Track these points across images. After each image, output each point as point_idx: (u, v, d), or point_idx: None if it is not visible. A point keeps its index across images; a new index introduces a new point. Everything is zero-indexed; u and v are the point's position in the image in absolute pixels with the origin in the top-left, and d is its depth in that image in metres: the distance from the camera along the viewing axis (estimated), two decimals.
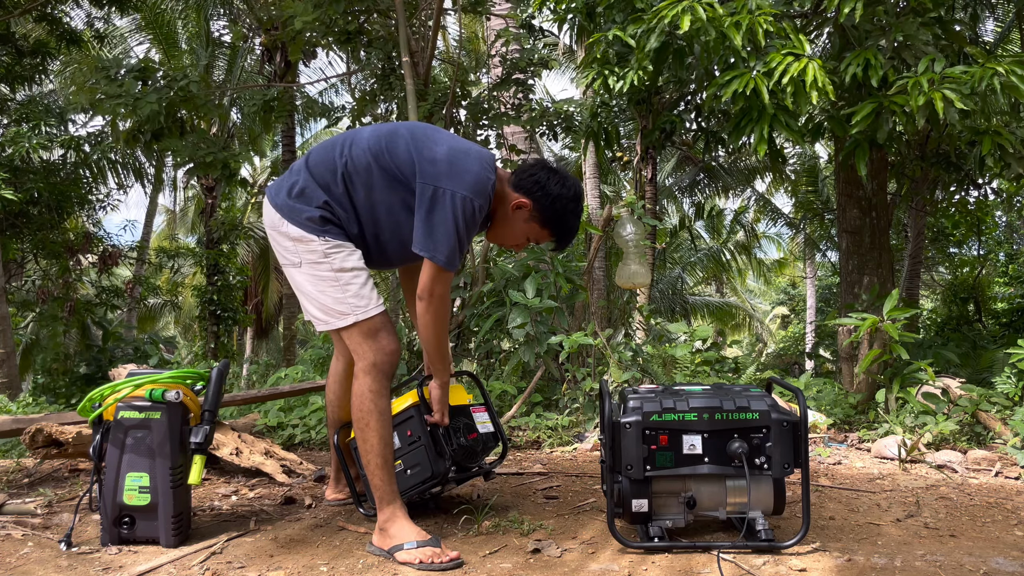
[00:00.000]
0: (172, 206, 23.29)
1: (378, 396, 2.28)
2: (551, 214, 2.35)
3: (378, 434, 2.27)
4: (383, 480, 2.28)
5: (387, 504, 2.27)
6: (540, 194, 2.33)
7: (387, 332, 2.31)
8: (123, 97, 6.32)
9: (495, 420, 2.78)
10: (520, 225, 2.38)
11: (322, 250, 2.28)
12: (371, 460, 2.28)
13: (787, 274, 25.97)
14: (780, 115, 4.78)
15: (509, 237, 2.42)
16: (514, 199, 2.34)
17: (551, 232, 2.40)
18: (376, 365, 2.28)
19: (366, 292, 2.31)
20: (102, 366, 9.29)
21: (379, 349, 2.29)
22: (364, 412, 2.27)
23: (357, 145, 2.33)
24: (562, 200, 2.34)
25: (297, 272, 2.35)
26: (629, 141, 10.64)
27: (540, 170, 2.36)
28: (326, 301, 2.31)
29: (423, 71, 6.51)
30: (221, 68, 14.23)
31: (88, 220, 12.53)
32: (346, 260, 2.30)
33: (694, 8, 4.60)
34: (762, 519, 2.28)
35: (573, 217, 2.38)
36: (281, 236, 2.33)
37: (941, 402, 4.14)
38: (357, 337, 2.30)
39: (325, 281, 2.30)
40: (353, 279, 2.30)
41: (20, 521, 2.61)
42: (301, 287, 2.36)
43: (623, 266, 5.91)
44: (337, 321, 2.30)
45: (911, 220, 11.07)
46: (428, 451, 2.49)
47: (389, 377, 2.32)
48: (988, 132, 4.81)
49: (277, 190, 2.36)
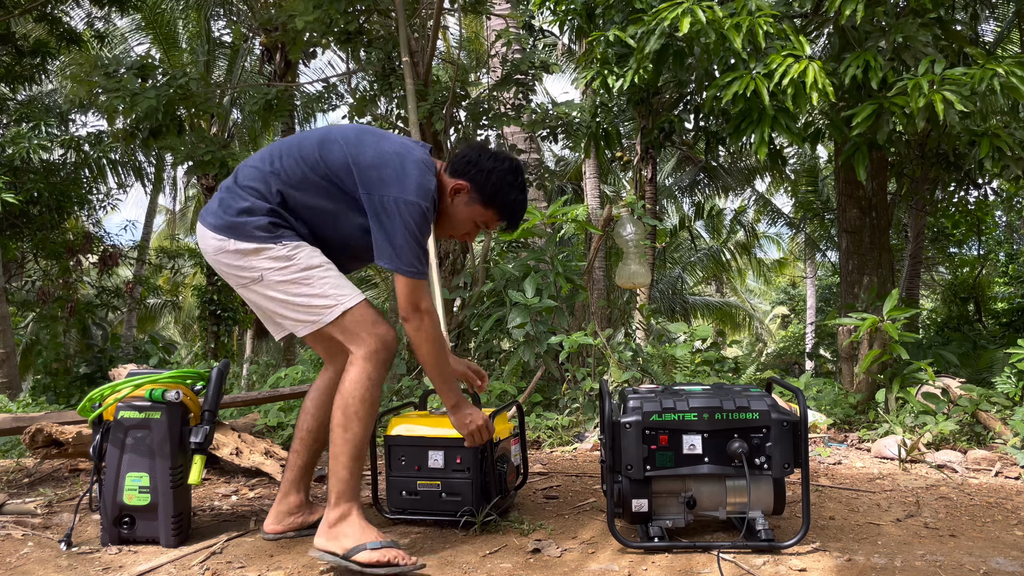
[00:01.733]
0: (172, 206, 23.31)
1: (375, 386, 2.16)
2: (489, 190, 2.27)
3: (364, 425, 2.15)
4: (351, 474, 2.13)
5: (346, 501, 2.12)
6: (474, 172, 2.26)
7: (382, 319, 2.22)
8: (121, 92, 6.32)
9: (524, 454, 2.81)
10: (463, 210, 2.31)
11: (283, 253, 2.17)
12: (347, 451, 2.13)
13: (787, 274, 25.98)
14: (780, 117, 4.78)
15: (456, 226, 2.34)
16: (451, 184, 2.28)
17: (496, 211, 2.32)
18: (377, 352, 2.17)
19: (343, 282, 2.21)
20: (102, 366, 9.29)
21: (379, 336, 2.18)
22: (357, 400, 2.13)
23: (288, 156, 2.23)
24: (497, 173, 2.27)
25: (260, 287, 2.21)
26: (629, 141, 10.64)
27: (471, 150, 2.31)
28: (304, 301, 2.18)
29: (423, 71, 6.51)
30: (221, 68, 14.23)
31: (88, 220, 12.53)
32: (312, 257, 2.20)
33: (694, 11, 4.60)
34: (762, 519, 2.28)
35: (514, 190, 2.31)
36: (231, 256, 2.19)
37: (941, 402, 4.14)
38: (351, 326, 2.18)
39: (295, 283, 2.17)
40: (326, 272, 2.20)
41: (20, 521, 2.61)
42: (270, 299, 2.22)
43: (623, 266, 5.91)
44: (324, 315, 2.18)
45: (911, 220, 11.07)
46: (474, 488, 2.43)
47: (387, 367, 2.21)
48: (987, 134, 4.81)
49: (210, 213, 2.23)
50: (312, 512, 2.42)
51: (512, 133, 8.96)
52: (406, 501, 2.50)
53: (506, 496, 2.59)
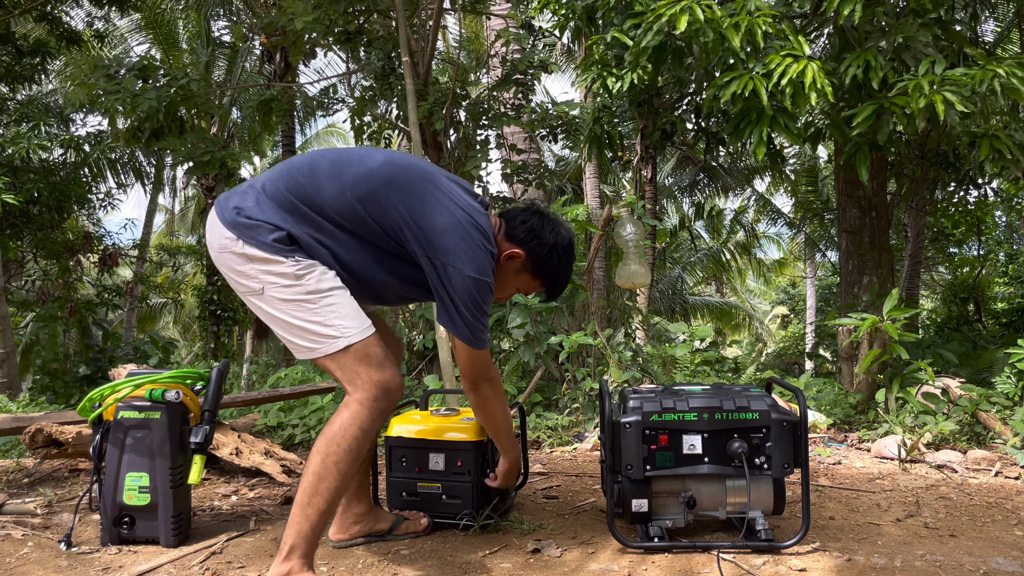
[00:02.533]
0: (172, 206, 23.32)
1: (366, 437, 1.93)
2: (545, 264, 2.18)
3: (343, 479, 1.90)
4: (312, 529, 1.88)
5: (297, 558, 1.87)
6: (535, 243, 2.15)
7: (391, 363, 1.99)
8: (122, 93, 6.32)
9: (525, 455, 2.81)
10: (511, 277, 2.20)
11: (292, 271, 1.95)
12: (317, 501, 1.88)
13: (787, 274, 25.98)
14: (779, 117, 4.78)
15: (499, 289, 2.20)
16: (506, 249, 2.15)
17: (543, 282, 2.24)
18: (375, 400, 1.93)
19: (354, 312, 1.98)
20: (101, 366, 9.29)
21: (380, 382, 1.94)
22: (341, 449, 1.90)
23: (332, 182, 2.01)
24: (557, 249, 2.18)
25: (259, 300, 2.00)
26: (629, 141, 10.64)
27: (532, 216, 2.18)
28: (305, 325, 1.97)
29: (423, 71, 6.51)
30: (221, 68, 14.23)
31: (88, 220, 12.52)
32: (321, 280, 1.97)
33: (692, 8, 4.59)
34: (762, 519, 2.28)
35: (566, 266, 2.22)
36: (236, 258, 1.99)
37: (941, 402, 4.14)
38: (352, 363, 1.95)
39: (298, 305, 1.96)
40: (336, 299, 1.97)
41: (20, 521, 2.61)
42: (270, 316, 2.01)
43: (623, 266, 5.91)
44: (323, 345, 1.95)
45: (911, 220, 11.07)
46: (474, 490, 2.44)
47: (384, 417, 1.97)
48: (986, 135, 4.81)
49: (228, 206, 2.02)
50: (379, 520, 2.40)
51: (512, 133, 8.96)
52: (406, 502, 2.50)
53: (506, 498, 2.59)
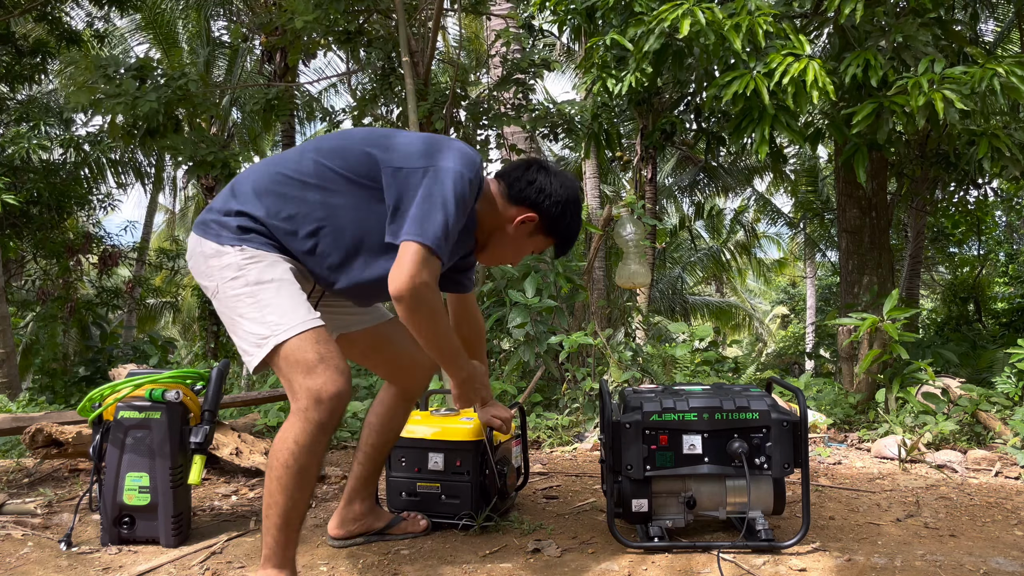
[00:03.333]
0: (172, 206, 23.31)
1: (303, 452, 1.75)
2: (559, 222, 2.04)
3: (288, 495, 1.77)
4: (277, 542, 1.80)
5: (272, 566, 1.81)
6: (547, 203, 2.00)
7: (325, 367, 1.74)
8: (122, 96, 6.31)
9: (525, 455, 2.81)
10: (524, 241, 2.06)
11: (237, 262, 1.81)
12: (271, 515, 1.79)
13: (787, 274, 25.98)
14: (781, 116, 4.78)
15: (510, 254, 2.09)
16: (516, 213, 2.01)
17: (555, 240, 2.10)
18: (306, 411, 1.74)
19: (291, 306, 1.78)
20: (101, 366, 9.28)
21: (310, 389, 1.73)
22: (279, 464, 1.76)
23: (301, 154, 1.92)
24: (570, 205, 2.03)
25: (217, 301, 1.87)
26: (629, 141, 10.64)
27: (537, 173, 2.02)
28: (245, 326, 1.80)
29: (423, 71, 6.51)
30: (221, 68, 14.23)
31: (88, 220, 12.52)
32: (265, 271, 1.80)
33: (694, 12, 4.60)
34: (762, 519, 2.28)
35: (577, 220, 2.08)
36: (197, 263, 1.89)
37: (941, 402, 4.14)
38: (286, 369, 1.75)
39: (241, 300, 1.80)
40: (275, 291, 1.79)
41: (20, 521, 2.61)
42: (225, 318, 1.86)
43: (623, 266, 5.91)
44: (257, 349, 1.77)
45: (911, 220, 11.07)
46: (473, 490, 2.43)
47: (327, 431, 1.76)
48: (985, 134, 4.81)
49: (200, 219, 1.93)
50: (378, 519, 2.38)
51: (512, 133, 8.96)
52: (406, 502, 2.50)
53: (506, 498, 2.59)
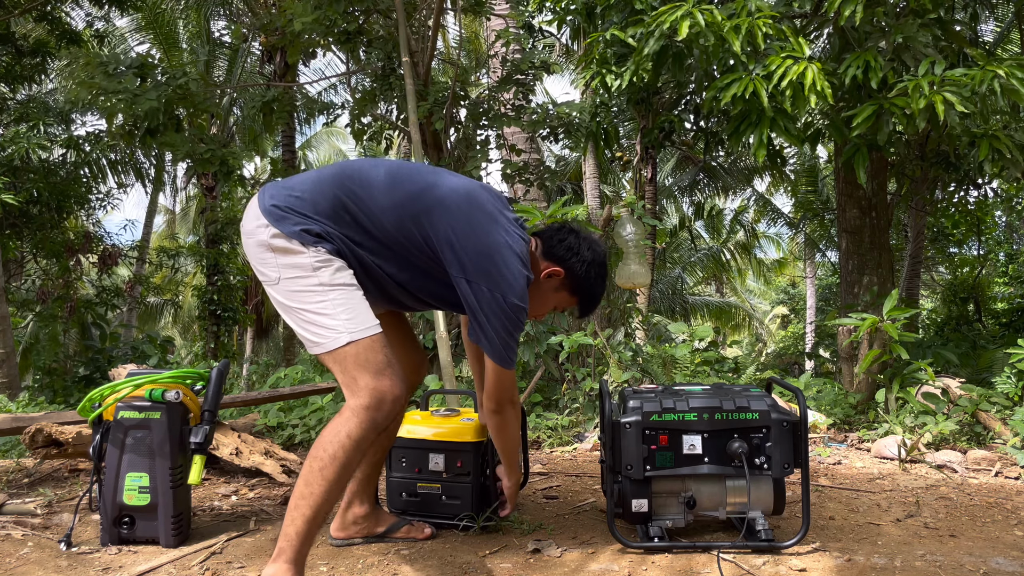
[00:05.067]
0: (172, 206, 23.32)
1: (355, 447, 1.86)
2: (583, 281, 2.19)
3: (329, 487, 1.85)
4: (300, 535, 1.84)
5: (284, 561, 1.83)
6: (574, 261, 2.17)
7: (393, 372, 1.92)
8: (122, 93, 6.30)
9: (526, 455, 2.80)
10: (550, 295, 2.22)
11: (310, 262, 1.94)
12: (303, 506, 1.84)
13: (787, 274, 25.99)
14: (779, 118, 4.78)
15: (536, 307, 2.21)
16: (545, 267, 2.17)
17: (579, 299, 2.24)
18: (367, 409, 1.87)
19: (362, 310, 1.95)
20: (101, 366, 9.28)
21: (376, 390, 1.88)
22: (328, 455, 1.85)
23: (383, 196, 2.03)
24: (595, 266, 2.19)
25: (275, 290, 2.00)
26: (629, 141, 10.65)
27: (569, 234, 2.20)
28: (313, 317, 1.94)
29: (423, 71, 6.51)
30: (221, 68, 14.23)
31: (88, 220, 12.52)
32: (336, 275, 1.95)
33: (693, 14, 4.60)
34: (762, 519, 2.28)
35: (601, 283, 2.24)
36: (260, 247, 2.00)
37: (941, 402, 4.14)
38: (352, 366, 1.89)
39: (311, 294, 1.94)
40: (346, 294, 1.95)
41: (20, 521, 2.61)
42: (283, 306, 2.00)
43: (623, 266, 5.90)
44: (325, 340, 1.91)
45: (911, 220, 11.07)
46: (474, 492, 2.44)
47: (379, 429, 1.90)
48: (986, 136, 4.81)
49: (271, 196, 2.03)
50: (379, 522, 2.39)
51: (512, 133, 8.96)
52: (406, 503, 2.50)
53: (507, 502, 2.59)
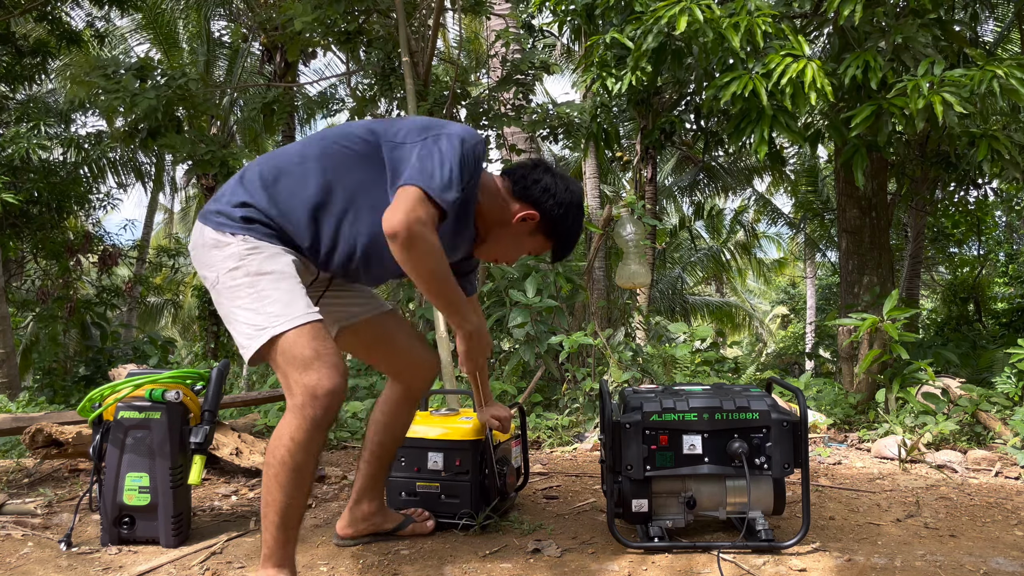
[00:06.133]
0: (172, 206, 23.32)
1: (299, 449, 1.75)
2: (560, 224, 2.04)
3: (285, 492, 1.78)
4: (276, 540, 1.82)
5: (272, 565, 1.82)
6: (551, 203, 2.00)
7: (322, 363, 1.73)
8: (121, 93, 6.31)
9: (525, 455, 2.81)
10: (524, 239, 2.07)
11: (238, 251, 1.80)
12: (270, 513, 1.80)
13: (787, 274, 25.98)
14: (779, 116, 4.78)
15: (508, 252, 2.09)
16: (518, 210, 2.01)
17: (554, 242, 2.10)
18: (302, 408, 1.73)
19: (289, 299, 1.78)
20: (101, 366, 9.28)
21: (305, 386, 1.73)
22: (276, 460, 1.76)
23: (306, 140, 1.95)
24: (572, 208, 2.04)
25: (216, 293, 1.86)
26: (629, 141, 10.64)
27: (544, 173, 2.03)
28: (242, 316, 1.79)
29: (423, 71, 6.51)
30: (221, 68, 14.23)
31: (88, 220, 12.52)
32: (266, 262, 1.80)
33: (691, 9, 4.59)
34: (762, 519, 2.28)
35: (578, 225, 2.08)
36: (198, 254, 1.89)
37: (941, 402, 4.15)
38: (282, 363, 1.75)
39: (240, 289, 1.79)
40: (274, 283, 1.78)
41: (20, 521, 2.61)
42: (223, 311, 1.85)
43: (623, 266, 5.91)
44: (251, 341, 1.76)
45: (911, 220, 11.07)
46: (473, 490, 2.43)
47: (323, 427, 1.76)
48: (985, 136, 4.81)
49: (204, 207, 1.93)
50: (387, 519, 2.38)
51: (512, 133, 8.96)
52: (405, 502, 2.50)
53: (506, 498, 2.59)
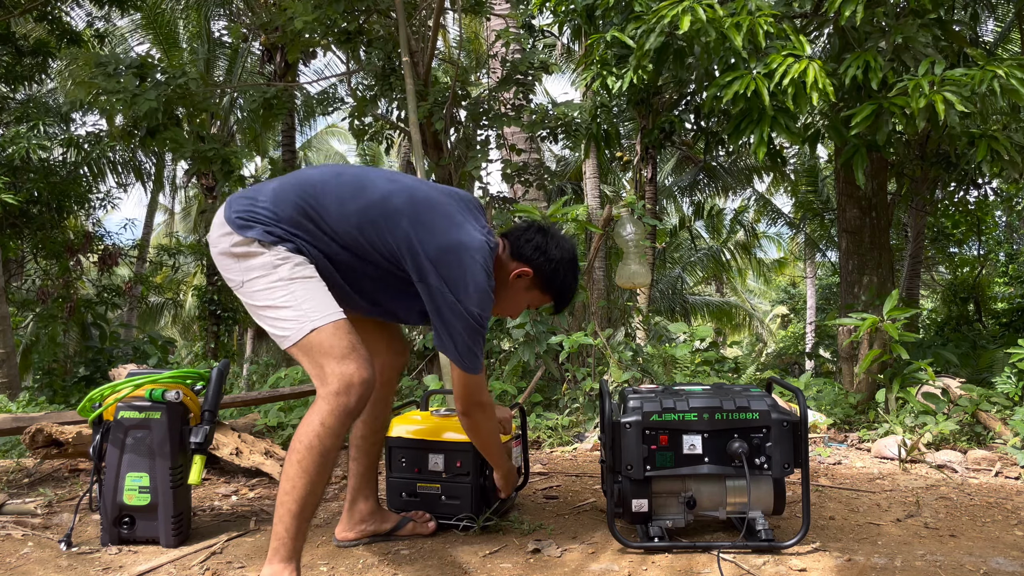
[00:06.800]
0: (172, 206, 23.32)
1: (330, 435, 1.86)
2: (552, 279, 2.24)
3: (309, 479, 1.86)
4: (289, 531, 1.86)
5: (280, 561, 1.85)
6: (542, 260, 2.21)
7: (358, 355, 1.90)
8: (121, 93, 6.30)
9: (526, 455, 2.81)
10: (521, 294, 2.26)
11: (271, 260, 1.96)
12: (286, 502, 1.86)
13: (787, 274, 25.98)
14: (780, 117, 4.78)
15: (509, 307, 2.28)
16: (514, 268, 2.21)
17: (552, 297, 2.29)
18: (337, 395, 1.86)
19: (323, 298, 1.96)
20: (101, 366, 9.28)
21: (343, 375, 1.86)
22: (303, 447, 1.86)
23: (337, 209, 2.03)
24: (563, 264, 2.23)
25: (242, 293, 2.02)
26: (629, 141, 10.65)
27: (536, 234, 2.24)
28: (277, 313, 1.95)
29: (423, 71, 6.51)
30: (221, 68, 14.23)
31: (88, 219, 12.52)
32: (295, 270, 1.97)
33: (694, 9, 4.59)
34: (762, 519, 2.28)
35: (572, 279, 2.28)
36: (223, 256, 2.02)
37: (941, 402, 4.14)
38: (317, 354, 1.89)
39: (273, 290, 1.95)
40: (307, 286, 1.96)
41: (20, 521, 2.61)
42: (251, 307, 2.01)
43: (623, 266, 5.90)
44: (294, 331, 1.91)
45: (911, 220, 11.07)
46: (473, 492, 2.44)
47: (353, 415, 1.89)
48: (984, 136, 4.81)
49: (234, 207, 2.04)
50: (386, 520, 2.40)
51: (512, 133, 8.96)
52: (406, 503, 2.50)
53: (506, 499, 2.59)
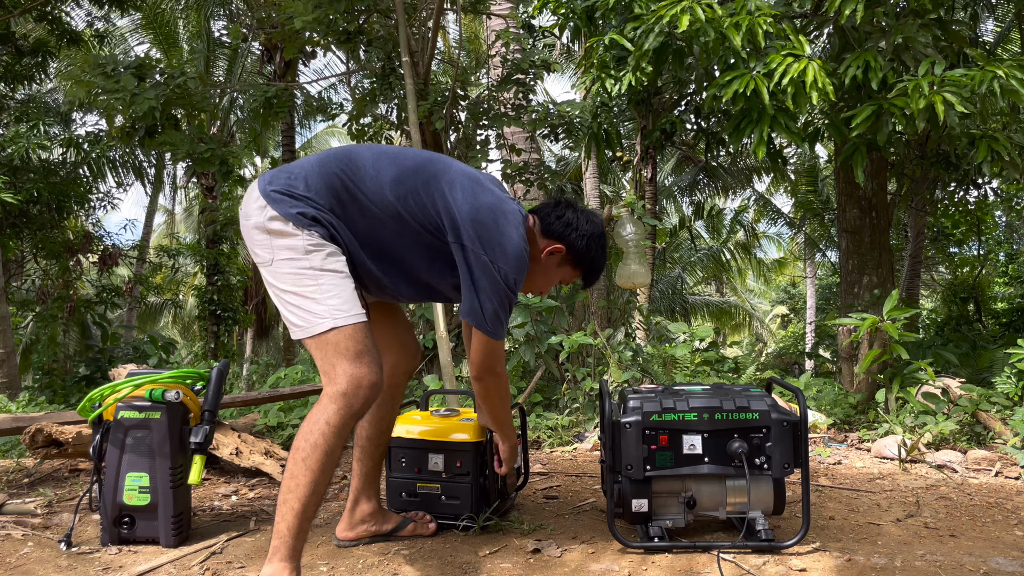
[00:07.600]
0: (171, 206, 23.32)
1: (335, 433, 1.88)
2: (584, 254, 2.24)
3: (313, 477, 1.87)
4: (291, 529, 1.86)
5: (280, 560, 1.85)
6: (574, 236, 2.21)
7: (371, 358, 1.94)
8: (120, 92, 6.30)
9: (526, 455, 2.81)
10: (552, 271, 2.26)
11: (303, 245, 1.96)
12: (291, 499, 1.86)
13: (787, 274, 25.98)
14: (780, 116, 4.78)
15: (540, 283, 2.29)
16: (545, 245, 2.22)
17: (582, 272, 2.30)
18: (344, 395, 1.89)
19: (349, 297, 1.97)
20: (101, 366, 9.27)
21: (353, 376, 1.90)
22: (308, 444, 1.87)
23: (376, 181, 2.05)
24: (594, 239, 2.24)
25: (267, 271, 2.02)
26: (629, 141, 10.64)
27: (566, 210, 2.25)
28: (301, 301, 1.96)
29: (423, 71, 6.51)
30: (221, 68, 14.23)
31: (88, 219, 12.52)
32: (327, 260, 1.97)
33: (693, 8, 4.59)
34: (762, 519, 2.28)
35: (602, 254, 2.28)
36: (257, 230, 2.01)
37: (941, 402, 4.14)
38: (331, 352, 1.92)
39: (301, 277, 1.96)
40: (336, 281, 1.97)
41: (20, 521, 2.61)
42: (274, 289, 2.02)
43: (623, 266, 5.91)
44: (314, 325, 1.93)
45: (911, 220, 11.07)
46: (473, 491, 2.44)
47: (357, 417, 1.93)
48: (984, 137, 4.80)
49: (270, 181, 2.05)
50: (387, 520, 2.41)
51: (512, 133, 8.96)
52: (406, 503, 2.50)
53: (506, 499, 2.59)
